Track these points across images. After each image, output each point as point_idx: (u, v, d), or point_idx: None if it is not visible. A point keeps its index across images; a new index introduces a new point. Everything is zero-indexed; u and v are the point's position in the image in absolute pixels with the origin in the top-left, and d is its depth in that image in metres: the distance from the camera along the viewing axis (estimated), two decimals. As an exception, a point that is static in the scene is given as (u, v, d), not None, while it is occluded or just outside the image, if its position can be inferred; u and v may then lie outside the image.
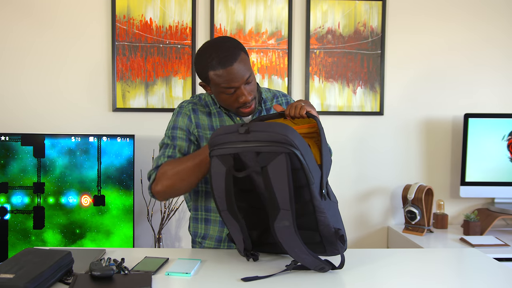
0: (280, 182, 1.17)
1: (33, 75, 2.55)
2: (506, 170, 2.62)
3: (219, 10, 2.60)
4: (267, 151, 1.18)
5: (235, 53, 1.43)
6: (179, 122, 1.57)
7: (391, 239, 2.71)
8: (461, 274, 1.38)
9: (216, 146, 1.26)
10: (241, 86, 1.45)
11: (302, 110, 1.35)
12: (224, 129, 1.27)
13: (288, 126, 1.20)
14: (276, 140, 1.17)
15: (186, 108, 1.58)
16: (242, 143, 1.21)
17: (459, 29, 2.74)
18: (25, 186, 2.33)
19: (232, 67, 1.42)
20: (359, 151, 2.73)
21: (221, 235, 1.58)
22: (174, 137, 1.55)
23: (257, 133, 1.19)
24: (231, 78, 1.43)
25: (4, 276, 1.06)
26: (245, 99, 1.46)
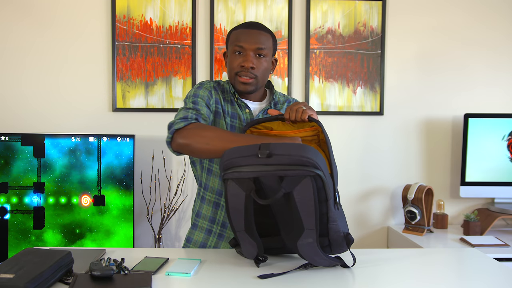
0: (307, 205, 1.15)
1: (33, 75, 2.55)
2: (506, 170, 2.62)
3: (219, 10, 2.60)
4: (292, 175, 1.15)
5: (262, 26, 1.56)
6: (200, 93, 1.55)
7: (391, 239, 2.71)
8: (461, 274, 1.38)
9: (231, 169, 1.20)
10: (250, 51, 1.52)
11: (304, 114, 1.35)
12: (239, 152, 1.21)
13: (309, 147, 1.16)
14: (301, 164, 1.14)
15: (208, 84, 1.60)
16: (263, 167, 1.16)
17: (459, 29, 2.74)
18: (25, 186, 2.33)
19: (252, 31, 1.53)
20: (359, 151, 2.73)
21: (214, 216, 1.61)
22: (196, 102, 1.51)
23: (280, 156, 1.15)
24: (246, 37, 1.52)
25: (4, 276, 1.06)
26: (246, 64, 1.51)
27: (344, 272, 1.30)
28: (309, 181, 1.14)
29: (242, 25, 1.57)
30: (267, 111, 1.64)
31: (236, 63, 1.54)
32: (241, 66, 1.53)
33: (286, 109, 1.39)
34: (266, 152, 1.15)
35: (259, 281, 1.22)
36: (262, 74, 1.56)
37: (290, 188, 1.15)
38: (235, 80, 1.57)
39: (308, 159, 1.14)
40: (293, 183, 1.15)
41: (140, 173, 2.52)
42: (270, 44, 1.56)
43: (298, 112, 1.35)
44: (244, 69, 1.53)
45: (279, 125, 1.46)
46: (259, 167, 1.16)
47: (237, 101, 1.60)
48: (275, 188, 1.18)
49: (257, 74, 1.55)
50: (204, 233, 1.62)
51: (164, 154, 2.57)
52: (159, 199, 2.57)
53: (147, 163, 2.55)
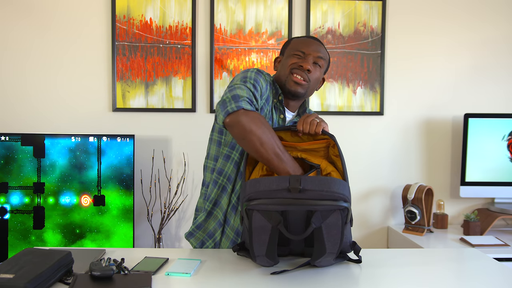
0: (334, 236, 1.17)
1: (34, 75, 2.55)
2: (506, 170, 2.62)
3: (219, 10, 2.60)
4: (322, 210, 1.16)
5: (321, 43, 1.61)
6: (261, 81, 1.48)
7: (391, 239, 2.71)
8: (461, 274, 1.38)
9: (256, 201, 1.18)
10: (310, 56, 1.54)
11: (318, 127, 1.35)
12: (267, 184, 1.18)
13: (337, 180, 1.17)
14: (332, 198, 1.15)
15: (267, 77, 1.55)
16: (294, 200, 1.16)
17: (459, 29, 2.74)
18: (25, 186, 2.33)
19: (314, 42, 1.58)
20: (359, 151, 2.73)
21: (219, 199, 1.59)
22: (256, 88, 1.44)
23: (311, 192, 1.15)
24: (308, 45, 1.56)
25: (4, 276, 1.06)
26: (304, 65, 1.52)
27: (344, 272, 1.30)
28: (338, 214, 1.17)
29: (304, 36, 1.62)
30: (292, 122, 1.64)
31: (292, 62, 1.54)
32: (299, 65, 1.53)
33: (299, 121, 1.38)
34: (298, 188, 1.15)
35: (259, 281, 1.22)
36: (313, 82, 1.56)
37: (320, 223, 1.17)
38: (287, 78, 1.54)
39: (339, 194, 1.16)
40: (323, 217, 1.17)
41: (140, 173, 2.52)
42: (327, 58, 1.61)
43: (312, 125, 1.35)
44: (301, 68, 1.53)
45: (289, 136, 1.43)
46: (289, 201, 1.16)
47: (276, 103, 1.57)
48: (301, 219, 1.19)
49: (311, 79, 1.55)
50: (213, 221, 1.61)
51: (164, 154, 2.57)
52: (159, 199, 2.57)
53: (147, 163, 2.55)
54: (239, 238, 1.56)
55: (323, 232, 1.17)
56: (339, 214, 1.17)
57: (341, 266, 1.34)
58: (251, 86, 1.42)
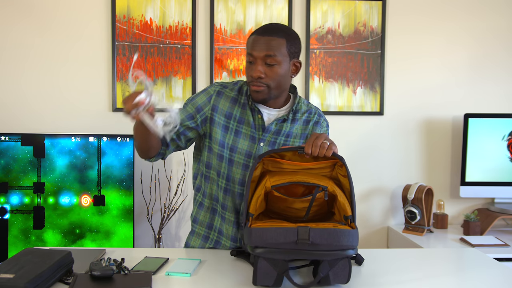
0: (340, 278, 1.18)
1: (33, 75, 2.55)
2: (506, 170, 2.62)
3: (219, 10, 2.60)
4: (330, 259, 1.16)
5: (276, 31, 1.47)
6: (198, 98, 1.57)
7: (391, 239, 2.71)
8: (461, 274, 1.38)
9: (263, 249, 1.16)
10: (258, 59, 1.46)
11: (328, 151, 1.29)
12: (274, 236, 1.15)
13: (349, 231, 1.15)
14: (339, 249, 1.15)
15: (213, 88, 1.58)
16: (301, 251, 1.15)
17: (459, 29, 2.74)
18: (25, 186, 2.33)
19: (262, 37, 1.46)
20: (359, 151, 2.73)
21: (212, 222, 1.60)
22: (183, 108, 1.57)
23: (320, 245, 1.14)
24: (253, 45, 1.46)
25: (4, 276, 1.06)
26: (253, 74, 1.46)
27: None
28: (346, 261, 1.17)
29: (256, 30, 1.50)
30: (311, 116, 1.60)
31: (248, 72, 1.50)
32: (250, 75, 1.48)
33: (308, 142, 1.31)
34: (307, 243, 1.13)
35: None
36: (275, 82, 1.48)
37: (327, 271, 1.16)
38: (249, 88, 1.52)
39: (347, 245, 1.15)
40: (330, 265, 1.16)
41: (140, 173, 2.52)
42: (283, 49, 1.47)
43: (322, 148, 1.29)
44: (252, 78, 1.47)
45: (294, 155, 1.36)
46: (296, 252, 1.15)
47: (250, 105, 1.55)
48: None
49: (268, 82, 1.47)
50: (201, 239, 1.61)
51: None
52: (159, 199, 2.57)
53: (147, 163, 2.55)
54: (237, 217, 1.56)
55: (330, 278, 1.17)
56: (346, 261, 1.17)
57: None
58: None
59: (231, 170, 1.54)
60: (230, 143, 1.53)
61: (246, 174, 1.52)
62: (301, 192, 1.37)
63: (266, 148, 1.53)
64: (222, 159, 1.54)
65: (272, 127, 1.54)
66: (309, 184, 1.30)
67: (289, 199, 1.34)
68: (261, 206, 1.34)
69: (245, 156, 1.53)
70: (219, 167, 1.55)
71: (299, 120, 1.59)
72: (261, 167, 1.37)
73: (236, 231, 1.55)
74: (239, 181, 1.53)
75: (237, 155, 1.53)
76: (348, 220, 1.24)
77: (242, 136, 1.54)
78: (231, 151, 1.53)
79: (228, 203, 1.55)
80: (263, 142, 1.53)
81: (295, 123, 1.58)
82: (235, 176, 1.54)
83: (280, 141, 1.54)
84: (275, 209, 1.40)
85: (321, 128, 1.61)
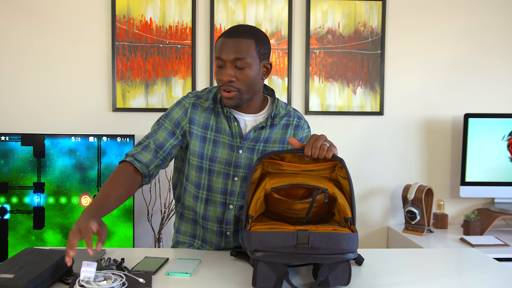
0: (340, 280, 1.18)
1: (33, 75, 2.55)
2: (506, 170, 2.62)
3: (219, 10, 2.60)
4: (329, 263, 1.16)
5: (243, 32, 1.43)
6: (174, 113, 1.54)
7: (391, 239, 2.71)
8: (461, 274, 1.38)
9: (262, 252, 1.15)
10: (228, 63, 1.42)
11: (328, 153, 1.27)
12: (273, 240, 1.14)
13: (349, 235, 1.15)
14: (339, 253, 1.14)
15: (187, 101, 1.54)
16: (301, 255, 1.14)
17: (459, 29, 2.74)
18: (25, 186, 2.33)
19: (230, 39, 1.42)
20: (359, 151, 2.73)
21: (194, 232, 1.60)
22: (161, 126, 1.54)
23: (319, 249, 1.13)
24: (222, 48, 1.42)
25: (4, 276, 1.06)
26: (223, 78, 1.43)
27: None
28: (346, 265, 1.17)
29: (225, 31, 1.46)
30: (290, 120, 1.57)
31: (218, 77, 1.46)
32: (220, 80, 1.44)
33: (307, 144, 1.29)
34: (307, 247, 1.13)
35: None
36: (246, 85, 1.44)
37: (327, 274, 1.16)
38: (220, 93, 1.49)
39: (347, 249, 1.14)
40: (330, 269, 1.16)
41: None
42: (252, 50, 1.42)
43: (322, 150, 1.27)
44: (223, 83, 1.44)
45: (294, 156, 1.35)
46: (296, 256, 1.14)
47: (226, 113, 1.51)
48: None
49: (239, 86, 1.43)
50: (185, 247, 1.61)
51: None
52: (159, 199, 2.57)
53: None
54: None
55: (329, 281, 1.17)
56: (346, 265, 1.17)
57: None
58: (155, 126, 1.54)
59: (212, 180, 1.52)
60: (209, 153, 1.51)
61: (227, 183, 1.51)
62: (301, 194, 1.36)
63: (245, 155, 1.50)
64: (202, 171, 1.52)
65: (251, 134, 1.51)
66: (309, 186, 1.29)
67: (289, 201, 1.33)
68: (261, 207, 1.33)
69: (225, 165, 1.51)
70: (198, 179, 1.53)
71: (277, 124, 1.55)
72: (261, 168, 1.36)
73: (220, 239, 1.55)
74: (220, 190, 1.52)
75: (217, 164, 1.51)
76: (348, 222, 1.23)
77: (221, 145, 1.51)
78: (211, 161, 1.51)
79: (209, 213, 1.54)
80: (242, 150, 1.50)
81: (274, 128, 1.54)
82: (216, 186, 1.52)
83: (259, 147, 1.52)
84: (275, 211, 1.39)
85: (302, 131, 1.59)
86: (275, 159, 1.34)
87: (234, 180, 1.51)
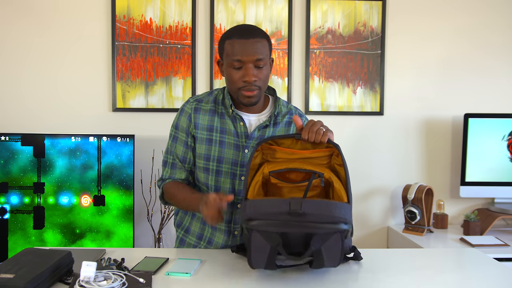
0: (333, 255, 1.17)
1: (33, 75, 2.55)
2: (506, 170, 2.62)
3: (219, 10, 2.60)
4: (322, 232, 1.16)
5: (256, 32, 1.47)
6: (181, 122, 1.58)
7: (391, 239, 2.71)
8: (461, 274, 1.38)
9: (256, 221, 1.18)
10: (249, 64, 1.45)
11: (324, 137, 1.31)
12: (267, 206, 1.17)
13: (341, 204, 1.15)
14: (331, 221, 1.15)
15: (189, 106, 1.58)
16: (293, 223, 1.15)
17: (459, 29, 2.74)
18: (25, 186, 2.33)
19: (247, 41, 1.44)
20: (359, 151, 2.73)
21: (202, 232, 1.59)
22: (175, 138, 1.59)
23: (312, 216, 1.14)
24: (242, 50, 1.44)
25: (4, 276, 1.06)
26: (248, 79, 1.45)
27: (344, 272, 1.30)
28: (338, 237, 1.17)
29: (235, 32, 1.47)
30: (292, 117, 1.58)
31: (237, 78, 1.47)
32: (244, 81, 1.46)
33: (304, 129, 1.33)
34: (299, 212, 1.14)
35: (259, 281, 1.22)
36: (264, 83, 1.50)
37: (319, 245, 1.16)
38: (239, 95, 1.50)
39: (339, 217, 1.15)
40: (323, 239, 1.16)
41: (140, 173, 2.52)
42: (267, 50, 1.48)
43: (318, 134, 1.31)
44: (247, 83, 1.46)
45: (292, 143, 1.39)
46: (289, 223, 1.15)
47: (231, 113, 1.54)
48: (301, 239, 1.18)
49: (260, 85, 1.48)
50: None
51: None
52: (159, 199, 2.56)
53: (147, 163, 2.55)
54: None
55: (322, 253, 1.17)
56: (339, 236, 1.16)
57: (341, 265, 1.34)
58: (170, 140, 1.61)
59: (220, 181, 1.55)
60: (216, 154, 1.54)
61: (234, 183, 1.54)
62: (299, 181, 1.39)
63: None
64: (209, 172, 1.55)
65: (255, 133, 1.55)
66: (305, 170, 1.34)
67: (286, 187, 1.37)
68: (259, 193, 1.36)
69: (231, 165, 1.54)
70: (206, 180, 1.56)
71: (280, 122, 1.59)
72: (261, 156, 1.39)
73: (227, 239, 1.56)
74: (228, 190, 1.54)
75: (224, 165, 1.54)
76: None
77: (227, 145, 1.54)
78: (218, 162, 1.54)
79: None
80: (248, 149, 1.53)
81: (277, 126, 1.58)
82: (224, 186, 1.54)
83: None
84: None
85: None
86: (273, 145, 1.38)
87: (241, 180, 1.54)
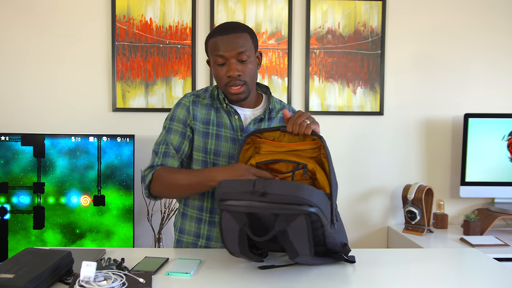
0: (301, 239, 1.17)
1: (33, 75, 2.55)
2: (506, 170, 2.62)
3: (219, 10, 2.60)
4: (286, 213, 1.16)
5: (237, 27, 1.50)
6: (177, 113, 1.58)
7: (391, 239, 2.71)
8: (461, 274, 1.38)
9: (226, 201, 1.22)
10: (232, 59, 1.47)
11: (307, 129, 1.33)
12: (233, 187, 1.21)
13: (304, 185, 1.16)
14: (295, 203, 1.15)
15: (187, 99, 1.59)
16: (258, 203, 1.17)
17: (459, 29, 2.74)
18: (25, 186, 2.33)
19: (228, 36, 1.47)
20: (359, 151, 2.73)
21: (198, 231, 1.60)
22: (170, 129, 1.58)
23: (274, 196, 1.15)
24: (223, 46, 1.46)
25: (4, 276, 1.06)
26: (232, 73, 1.47)
27: (344, 272, 1.30)
28: (303, 219, 1.15)
29: (216, 30, 1.50)
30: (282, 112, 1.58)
31: (222, 74, 1.49)
32: (228, 76, 1.48)
33: (290, 121, 1.35)
34: (261, 191, 1.16)
35: (259, 281, 1.22)
36: (250, 77, 1.51)
37: (284, 226, 1.16)
38: (226, 92, 1.53)
39: (302, 198, 1.14)
40: (287, 220, 1.16)
41: (140, 173, 2.52)
42: (249, 43, 1.50)
43: (302, 126, 1.33)
44: (231, 78, 1.48)
45: (280, 136, 1.42)
46: (253, 203, 1.18)
47: (225, 107, 1.57)
48: (270, 221, 1.20)
49: (245, 79, 1.49)
50: (190, 247, 1.61)
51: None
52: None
53: (147, 163, 2.54)
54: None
55: (289, 235, 1.17)
56: (303, 219, 1.15)
57: (341, 265, 1.34)
58: (164, 131, 1.58)
59: None
60: (213, 148, 1.56)
61: None
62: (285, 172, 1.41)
63: None
64: (207, 165, 1.56)
65: (250, 127, 1.57)
66: (289, 161, 1.36)
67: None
68: None
69: (228, 158, 1.56)
70: None
71: (275, 118, 1.62)
72: (253, 149, 1.44)
73: None
74: None
75: (221, 158, 1.56)
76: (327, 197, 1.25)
77: (223, 139, 1.56)
78: (215, 155, 1.56)
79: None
80: None
81: (272, 121, 1.61)
82: None
83: None
84: None
85: None
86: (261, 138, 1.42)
87: None
